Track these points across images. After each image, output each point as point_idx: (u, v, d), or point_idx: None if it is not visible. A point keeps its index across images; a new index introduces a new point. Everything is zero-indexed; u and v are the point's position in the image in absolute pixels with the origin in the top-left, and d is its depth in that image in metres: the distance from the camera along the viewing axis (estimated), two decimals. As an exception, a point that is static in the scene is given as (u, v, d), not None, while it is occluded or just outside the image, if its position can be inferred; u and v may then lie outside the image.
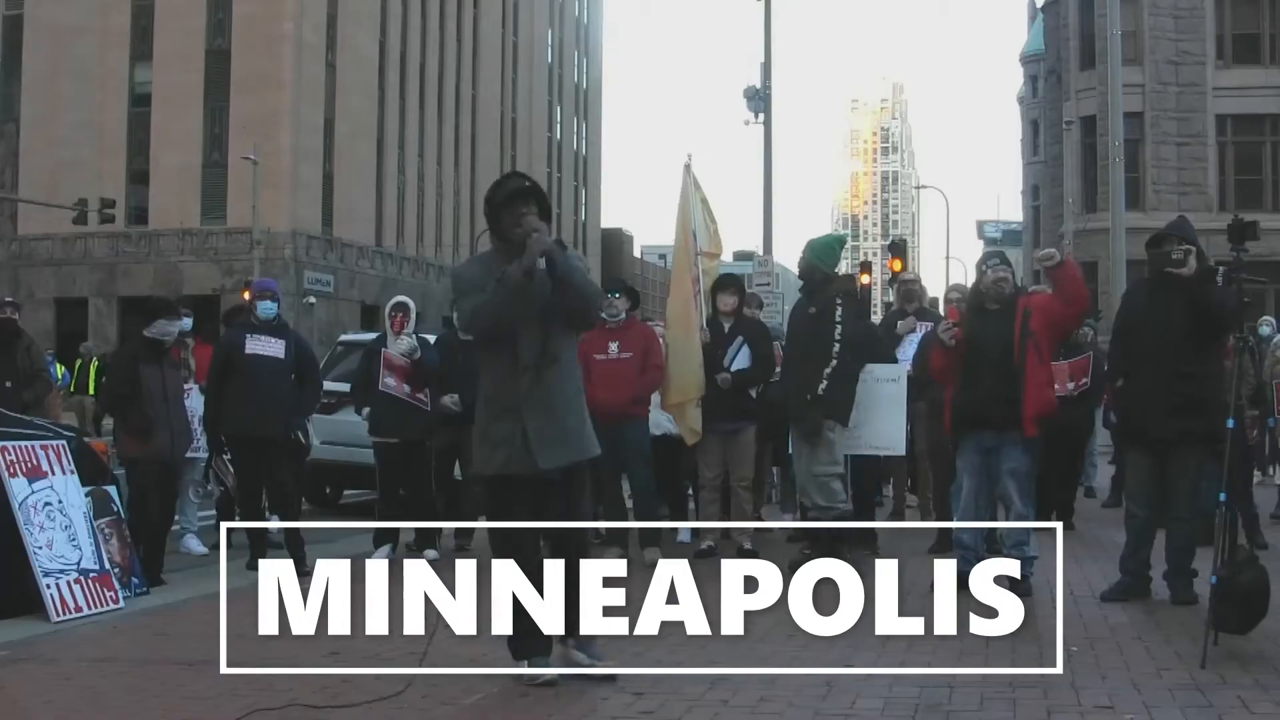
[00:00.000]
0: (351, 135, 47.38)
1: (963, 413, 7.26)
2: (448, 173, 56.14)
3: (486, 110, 59.74)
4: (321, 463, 11.19)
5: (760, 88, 26.98)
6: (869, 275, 32.99)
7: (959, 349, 7.25)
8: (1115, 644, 5.88)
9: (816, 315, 7.94)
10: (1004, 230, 71.17)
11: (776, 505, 11.25)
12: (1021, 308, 7.20)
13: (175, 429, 8.05)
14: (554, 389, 4.98)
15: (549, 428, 4.93)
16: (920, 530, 9.96)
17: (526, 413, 4.90)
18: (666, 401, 8.82)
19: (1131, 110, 33.71)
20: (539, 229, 4.90)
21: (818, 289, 8.03)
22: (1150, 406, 6.89)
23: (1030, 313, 7.16)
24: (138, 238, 44.82)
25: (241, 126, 42.91)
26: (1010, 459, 7.13)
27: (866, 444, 8.61)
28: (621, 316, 8.80)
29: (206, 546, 9.65)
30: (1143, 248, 8.27)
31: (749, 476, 8.95)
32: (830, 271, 8.18)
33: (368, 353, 9.36)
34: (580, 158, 73.66)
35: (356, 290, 47.84)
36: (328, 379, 10.35)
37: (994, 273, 7.34)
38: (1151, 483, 7.04)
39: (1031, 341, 7.11)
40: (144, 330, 8.08)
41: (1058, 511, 10.09)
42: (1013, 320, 7.13)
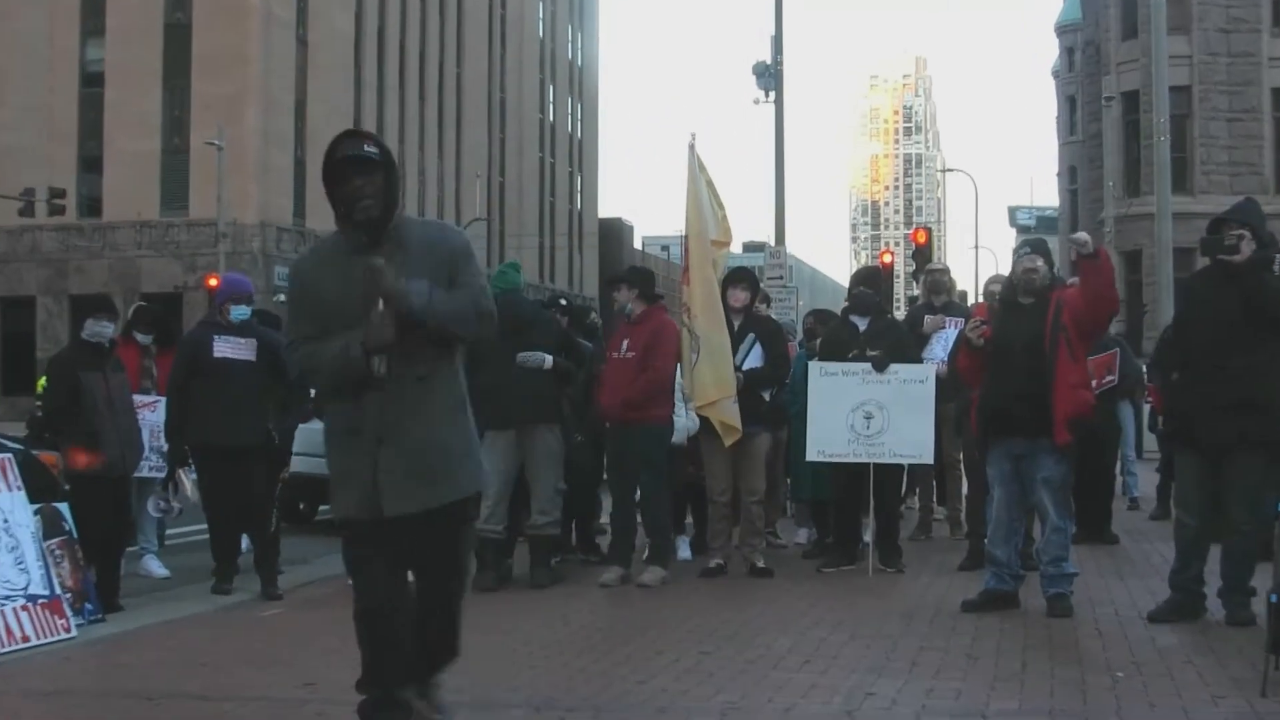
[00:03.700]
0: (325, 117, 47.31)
1: (990, 416, 7.24)
2: (430, 159, 56.14)
3: (472, 90, 59.73)
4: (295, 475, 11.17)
5: (771, 63, 26.96)
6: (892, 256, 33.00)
7: (987, 348, 7.24)
8: (1164, 669, 5.86)
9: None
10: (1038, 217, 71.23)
11: (791, 519, 11.23)
12: (1055, 301, 7.20)
13: (125, 439, 8.02)
14: (418, 411, 4.40)
15: (407, 462, 4.36)
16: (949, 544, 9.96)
17: (382, 443, 4.37)
18: (701, 400, 8.66)
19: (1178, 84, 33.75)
20: (377, 269, 4.27)
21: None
22: (1200, 406, 6.87)
23: (1063, 306, 7.16)
24: (90, 230, 44.79)
25: (204, 108, 42.86)
26: (1043, 467, 7.11)
27: (890, 451, 8.60)
28: (629, 309, 8.77)
29: (168, 568, 9.63)
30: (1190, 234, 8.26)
31: (760, 489, 8.91)
32: None
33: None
34: (575, 141, 73.64)
35: (331, 286, 47.79)
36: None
37: (1023, 262, 7.33)
38: (1202, 490, 7.02)
39: (1064, 337, 7.08)
40: (81, 333, 8.05)
41: (1091, 524, 10.06)
42: (1041, 316, 7.12)
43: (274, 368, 8.43)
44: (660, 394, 8.64)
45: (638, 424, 8.53)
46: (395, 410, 4.39)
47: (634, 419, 8.54)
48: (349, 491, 4.44)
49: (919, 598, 7.80)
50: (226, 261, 39.25)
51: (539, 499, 8.52)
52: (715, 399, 8.57)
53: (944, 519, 10.88)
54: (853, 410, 8.59)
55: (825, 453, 8.73)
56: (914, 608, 7.41)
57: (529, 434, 8.41)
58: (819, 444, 8.73)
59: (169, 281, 42.12)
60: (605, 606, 7.85)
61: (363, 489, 4.39)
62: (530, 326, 8.54)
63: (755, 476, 8.86)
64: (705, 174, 9.10)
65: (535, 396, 8.38)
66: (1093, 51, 47.45)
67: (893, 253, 34.49)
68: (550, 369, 8.46)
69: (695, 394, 8.67)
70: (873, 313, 9.17)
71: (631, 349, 8.63)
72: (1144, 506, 12.68)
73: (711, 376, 8.56)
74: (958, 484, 10.37)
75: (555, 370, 8.50)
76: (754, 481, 8.86)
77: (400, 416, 4.40)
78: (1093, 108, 46.85)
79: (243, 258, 41.85)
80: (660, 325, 8.72)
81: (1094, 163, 46.77)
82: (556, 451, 8.54)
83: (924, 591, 8.05)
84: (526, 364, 8.37)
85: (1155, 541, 10.14)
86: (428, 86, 55.86)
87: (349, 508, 4.45)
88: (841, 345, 9.04)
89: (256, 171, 43.52)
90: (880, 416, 8.51)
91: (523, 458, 8.47)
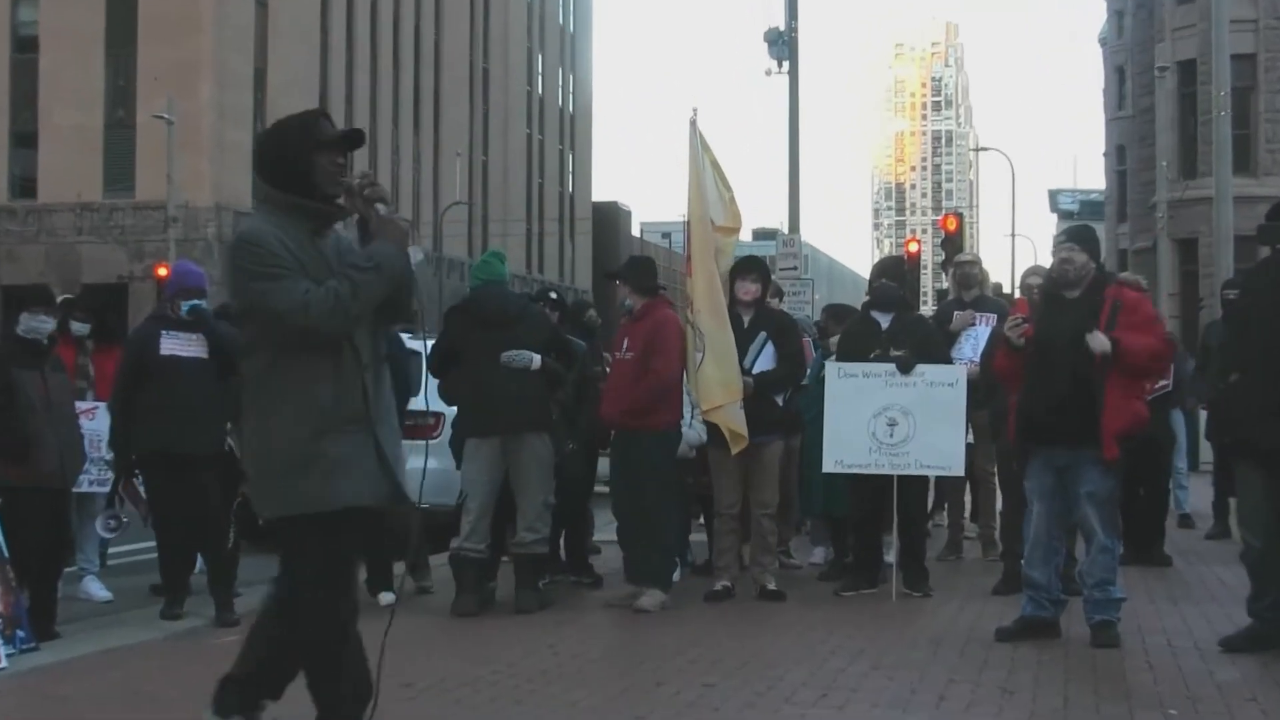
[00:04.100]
0: (287, 89, 47.31)
1: (1030, 423, 7.23)
2: (405, 135, 56.15)
3: (452, 60, 59.74)
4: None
5: (784, 30, 27.00)
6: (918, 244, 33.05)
7: (1028, 348, 7.22)
8: (1224, 706, 5.87)
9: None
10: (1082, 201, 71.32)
11: (806, 537, 11.25)
12: (1110, 299, 7.17)
13: (64, 446, 8.02)
14: (389, 398, 4.80)
15: (397, 448, 4.72)
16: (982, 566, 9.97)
17: (378, 426, 4.64)
18: (708, 405, 8.65)
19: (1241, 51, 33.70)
20: (386, 197, 4.76)
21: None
22: (1260, 410, 6.87)
23: (1120, 307, 7.13)
24: (24, 214, 44.78)
25: (153, 78, 42.85)
26: (1088, 480, 7.12)
27: (916, 462, 8.61)
28: (628, 304, 8.79)
29: (111, 590, 9.64)
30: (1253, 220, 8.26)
31: (773, 502, 8.94)
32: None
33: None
34: (567, 116, 73.68)
35: (294, 278, 47.80)
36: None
37: (1059, 253, 7.33)
38: (1267, 506, 7.03)
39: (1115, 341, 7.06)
40: (16, 328, 8.05)
41: (1141, 543, 10.07)
42: (1092, 311, 7.11)
43: (229, 366, 8.42)
44: (665, 397, 8.63)
45: (642, 431, 8.55)
46: (382, 393, 4.67)
47: (638, 426, 8.55)
48: (347, 475, 4.54)
49: (948, 625, 7.82)
50: (177, 249, 39.21)
51: (525, 514, 8.52)
52: (722, 403, 8.59)
53: (975, 537, 10.90)
54: (874, 416, 8.60)
55: (843, 463, 8.74)
56: (942, 636, 7.42)
57: (515, 442, 8.41)
58: (837, 453, 8.73)
59: (112, 271, 42.08)
60: (598, 634, 7.85)
61: (370, 474, 4.58)
62: (516, 322, 8.54)
63: (768, 488, 8.88)
64: (709, 153, 9.10)
65: (522, 400, 8.38)
66: (1145, 16, 47.44)
67: (919, 241, 34.56)
68: (538, 370, 8.46)
69: (701, 397, 8.69)
70: (896, 308, 9.19)
71: (631, 348, 8.64)
72: (1198, 524, 12.71)
73: (718, 378, 8.58)
74: (991, 499, 10.38)
75: (544, 371, 8.51)
76: (766, 493, 8.87)
77: (387, 400, 4.69)
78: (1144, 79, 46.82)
79: (195, 245, 41.82)
80: (660, 321, 8.70)
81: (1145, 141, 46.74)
82: (545, 461, 8.54)
83: (953, 618, 8.07)
84: (512, 364, 8.37)
85: (1213, 563, 10.16)
86: (402, 55, 55.84)
87: (348, 495, 4.54)
88: (862, 344, 9.05)
89: (210, 149, 43.49)
90: (905, 423, 8.52)
91: (507, 468, 8.47)
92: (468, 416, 8.63)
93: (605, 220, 74.08)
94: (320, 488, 4.49)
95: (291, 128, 4.68)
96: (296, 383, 4.52)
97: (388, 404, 4.73)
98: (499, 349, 8.35)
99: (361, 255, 4.54)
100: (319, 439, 4.49)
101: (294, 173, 4.59)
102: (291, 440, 4.51)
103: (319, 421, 4.50)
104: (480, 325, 8.47)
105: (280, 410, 4.52)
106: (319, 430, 4.49)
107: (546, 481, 8.56)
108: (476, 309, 8.59)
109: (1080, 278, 7.24)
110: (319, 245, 4.59)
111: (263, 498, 4.64)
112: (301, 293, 4.40)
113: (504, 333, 8.38)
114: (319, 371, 4.53)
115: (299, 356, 4.51)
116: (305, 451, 4.49)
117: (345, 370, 4.55)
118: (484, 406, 8.26)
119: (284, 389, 4.52)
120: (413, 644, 7.21)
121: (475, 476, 8.46)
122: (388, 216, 4.64)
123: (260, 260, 4.44)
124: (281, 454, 4.53)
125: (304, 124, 4.66)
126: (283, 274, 4.43)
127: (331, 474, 4.49)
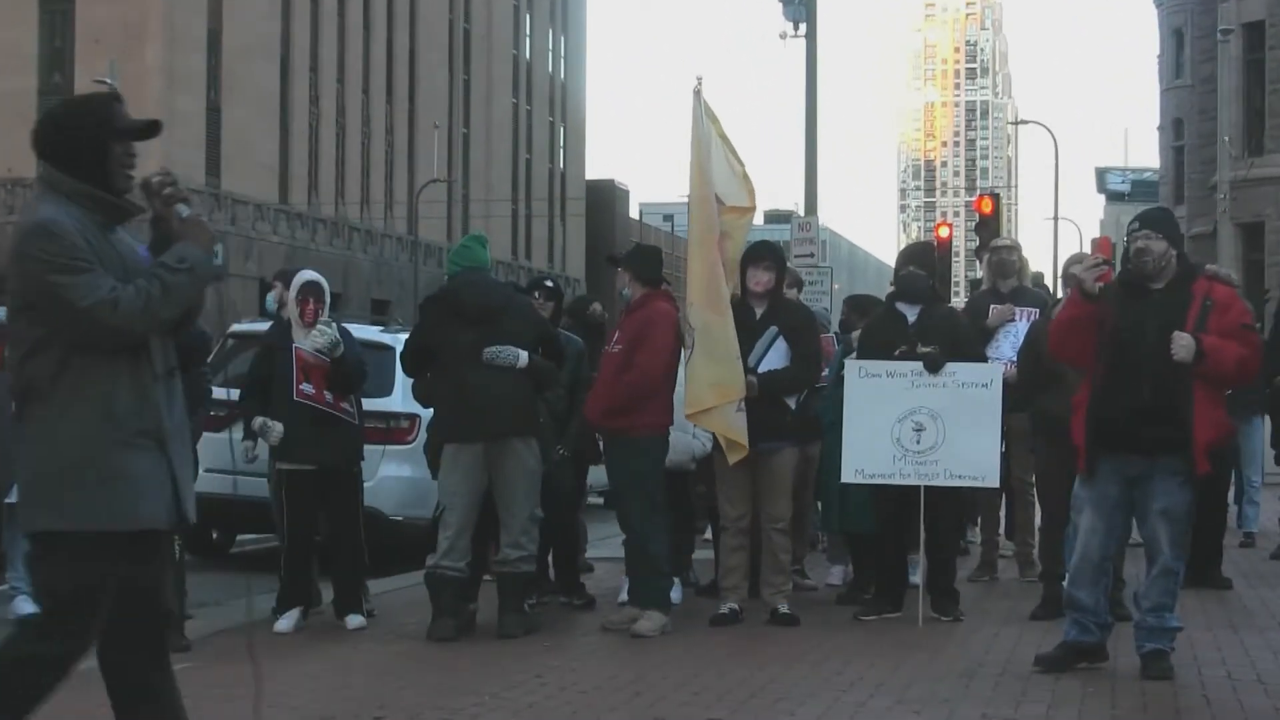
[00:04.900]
0: (245, 53, 47.33)
1: (1105, 428, 7.14)
2: (377, 105, 56.15)
3: (429, 20, 59.75)
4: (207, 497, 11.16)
5: (802, -13, 26.97)
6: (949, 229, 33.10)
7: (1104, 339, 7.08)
8: (1286, 743, 5.89)
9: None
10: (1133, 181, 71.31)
11: (823, 554, 11.27)
12: (1200, 295, 7.09)
13: (-2, 453, 8.02)
14: (181, 413, 4.84)
15: (187, 468, 4.83)
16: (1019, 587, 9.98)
17: (170, 442, 4.70)
18: (694, 407, 8.63)
19: (1312, 15, 33.68)
20: (187, 197, 4.96)
21: None
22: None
23: (1212, 306, 7.05)
24: (-48, 192, 44.80)
25: (93, 40, 42.89)
26: (1163, 495, 7.04)
27: (946, 472, 8.63)
28: (626, 293, 8.82)
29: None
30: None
31: (785, 516, 8.92)
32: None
33: (265, 349, 9.35)
34: (558, 85, 73.68)
35: (253, 263, 47.86)
36: (215, 384, 10.35)
37: (1134, 241, 7.25)
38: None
39: (1206, 341, 6.95)
40: None
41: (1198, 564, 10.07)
42: (1180, 308, 7.02)
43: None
44: (649, 397, 8.62)
45: (623, 435, 8.58)
46: (174, 403, 4.76)
47: (620, 428, 8.59)
48: (150, 499, 4.63)
49: (981, 653, 7.84)
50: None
51: (510, 528, 8.54)
52: (711, 405, 8.58)
53: (1012, 556, 10.91)
54: (899, 421, 8.60)
55: (865, 473, 8.75)
56: (975, 665, 7.44)
57: (499, 449, 8.42)
58: (857, 462, 8.74)
59: (49, 255, 42.05)
60: (590, 662, 7.87)
61: (165, 496, 4.67)
62: (500, 315, 8.53)
63: (779, 500, 8.87)
64: (717, 125, 9.05)
65: (506, 402, 8.38)
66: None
67: (951, 225, 34.62)
68: (525, 368, 8.46)
69: (687, 398, 8.66)
70: (925, 299, 9.19)
71: (620, 341, 8.66)
72: (1262, 544, 12.68)
73: (708, 376, 8.55)
74: (1029, 513, 10.40)
75: (531, 370, 8.51)
76: (778, 506, 8.87)
77: (179, 412, 4.79)
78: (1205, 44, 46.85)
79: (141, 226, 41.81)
80: (651, 314, 8.70)
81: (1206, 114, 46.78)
82: (532, 470, 8.56)
83: (987, 645, 8.09)
84: (496, 362, 8.37)
85: (1277, 587, 10.18)
86: (374, 15, 55.84)
87: (145, 515, 4.62)
88: (886, 339, 9.04)
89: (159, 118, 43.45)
90: (933, 428, 8.54)
91: (490, 477, 8.49)
92: (446, 420, 8.64)
93: (600, 200, 74.12)
94: (120, 505, 4.54)
95: (87, 109, 4.85)
96: (92, 387, 4.55)
97: (179, 420, 4.76)
98: (481, 345, 8.35)
99: (172, 256, 4.63)
100: (118, 451, 4.54)
101: (86, 159, 4.70)
102: (85, 449, 4.53)
103: (115, 432, 4.54)
104: (460, 318, 8.48)
105: (72, 414, 4.53)
106: (117, 441, 4.54)
107: (533, 492, 8.57)
108: (455, 300, 8.59)
109: (1161, 268, 7.13)
110: (111, 240, 4.69)
111: (40, 506, 4.59)
112: (108, 289, 4.46)
113: (487, 327, 8.38)
114: (115, 377, 4.57)
115: (94, 359, 4.55)
116: (105, 464, 4.53)
117: (142, 379, 4.60)
118: (464, 409, 8.28)
119: (77, 392, 4.54)
120: (384, 672, 7.23)
121: (454, 487, 8.46)
122: (193, 218, 4.80)
123: (61, 251, 4.49)
124: (72, 463, 4.53)
125: (102, 105, 4.84)
126: (85, 268, 4.49)
127: (134, 492, 4.55)
